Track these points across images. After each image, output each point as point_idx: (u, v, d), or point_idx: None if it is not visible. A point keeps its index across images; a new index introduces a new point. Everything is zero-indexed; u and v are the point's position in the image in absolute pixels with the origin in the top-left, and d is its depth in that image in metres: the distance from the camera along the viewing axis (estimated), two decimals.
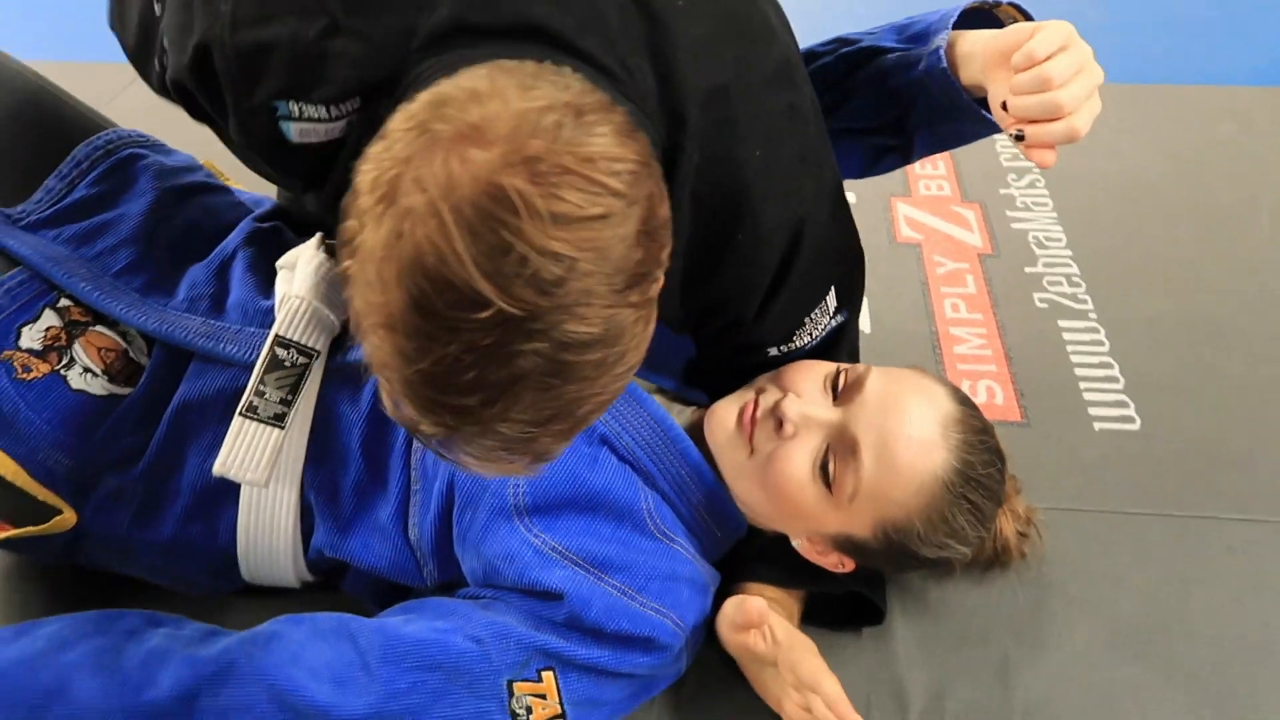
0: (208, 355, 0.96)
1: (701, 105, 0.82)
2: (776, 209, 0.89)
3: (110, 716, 0.83)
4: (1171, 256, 1.54)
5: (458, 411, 0.62)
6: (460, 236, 0.57)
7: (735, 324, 0.95)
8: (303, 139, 0.84)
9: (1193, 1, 2.36)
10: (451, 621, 0.88)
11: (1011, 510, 1.05)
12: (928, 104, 0.97)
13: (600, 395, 0.65)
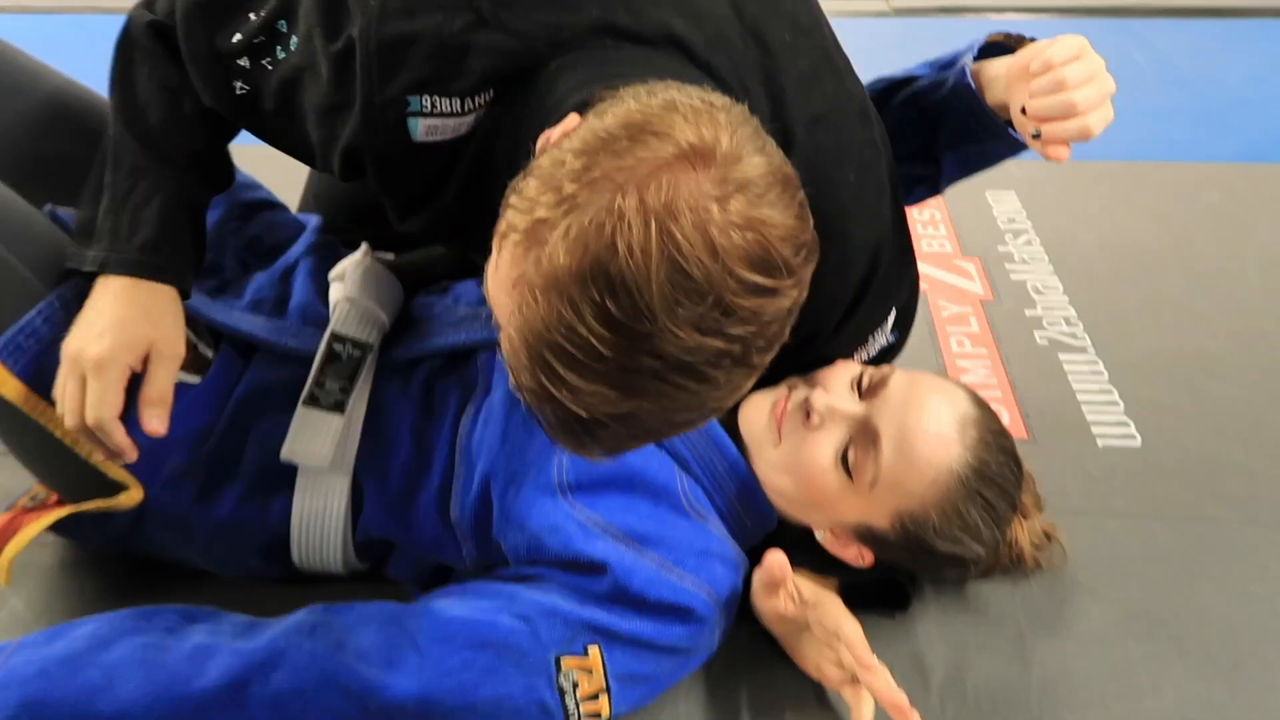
0: (271, 349, 1.05)
1: (806, 128, 0.90)
2: (863, 230, 0.97)
3: (159, 708, 0.85)
4: (1164, 300, 1.63)
5: (570, 390, 0.65)
6: (661, 261, 0.61)
7: (811, 340, 0.98)
8: (428, 137, 0.86)
9: (1177, 95, 2.52)
10: (496, 602, 0.92)
11: (1029, 525, 1.09)
12: (955, 122, 1.05)
13: (691, 426, 0.72)
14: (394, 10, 0.83)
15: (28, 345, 0.97)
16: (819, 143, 0.92)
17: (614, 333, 0.63)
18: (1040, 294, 1.66)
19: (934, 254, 1.78)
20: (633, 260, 0.61)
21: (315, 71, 0.89)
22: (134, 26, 1.01)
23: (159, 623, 0.91)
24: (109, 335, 0.94)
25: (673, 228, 0.61)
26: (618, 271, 0.61)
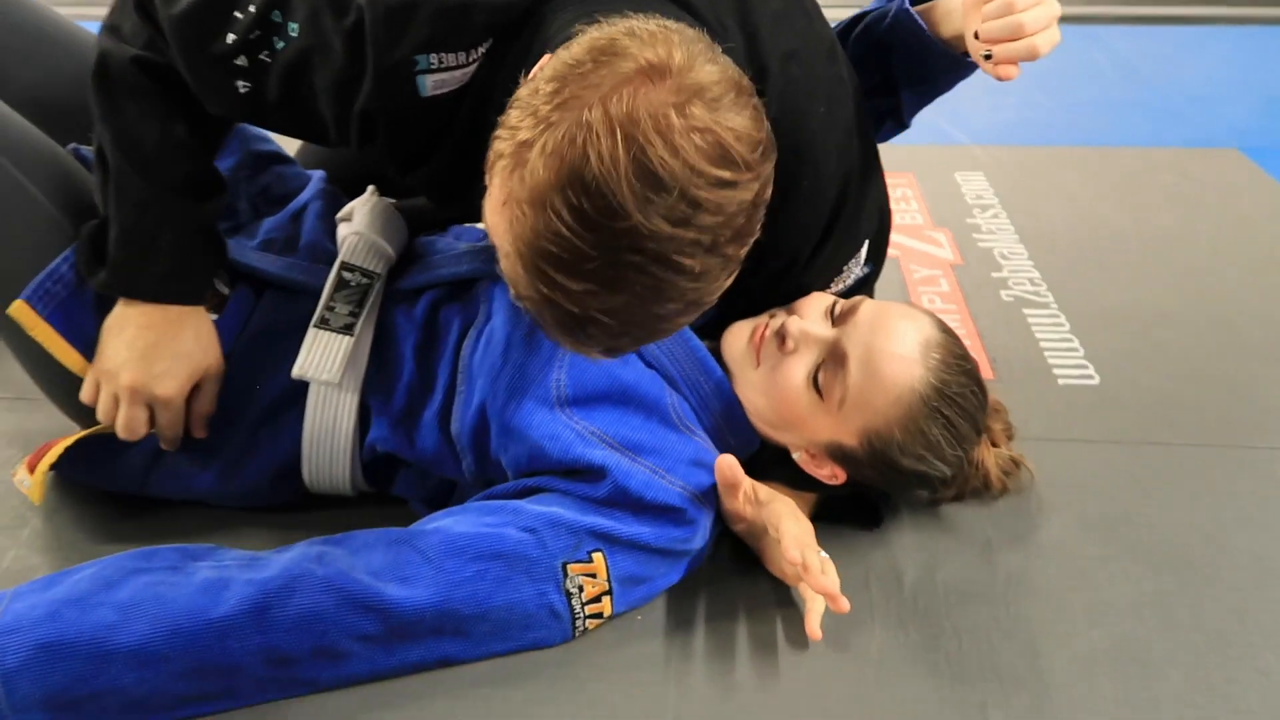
0: (283, 284, 1.12)
1: (779, 63, 0.98)
2: (833, 161, 1.04)
3: (179, 639, 0.88)
4: (1122, 264, 1.73)
5: (564, 291, 0.73)
6: (628, 163, 0.69)
7: (790, 266, 1.08)
8: (435, 91, 0.94)
9: (1136, 92, 2.65)
10: (502, 516, 0.98)
11: (997, 453, 1.16)
12: (903, 52, 1.13)
13: (678, 319, 0.80)
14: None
15: (56, 291, 1.04)
16: (791, 76, 1.00)
17: (593, 232, 0.71)
18: (1006, 259, 1.75)
19: (906, 225, 1.87)
20: (603, 165, 0.69)
21: (326, 50, 0.95)
22: (113, 63, 1.02)
23: (159, 561, 0.94)
24: (173, 374, 1.04)
25: (636, 133, 0.70)
26: (591, 177, 0.70)
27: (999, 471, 1.16)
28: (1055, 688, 0.96)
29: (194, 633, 0.88)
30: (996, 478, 1.16)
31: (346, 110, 0.98)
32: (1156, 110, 2.51)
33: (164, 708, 0.90)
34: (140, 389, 1.04)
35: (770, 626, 1.02)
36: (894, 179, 2.04)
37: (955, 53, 1.10)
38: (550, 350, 1.02)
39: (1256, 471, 1.24)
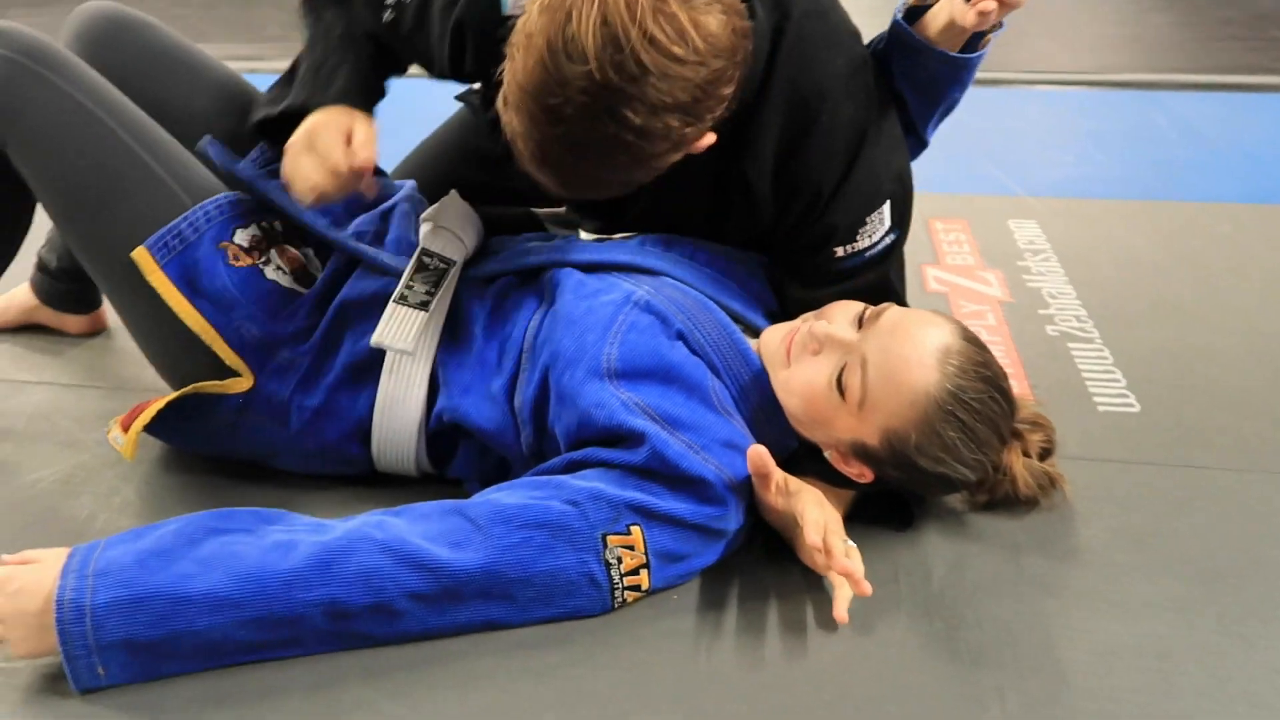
0: (370, 264, 1.23)
1: (801, 15, 1.15)
2: (850, 108, 1.17)
3: (248, 586, 0.95)
4: (1171, 306, 1.76)
5: (538, 126, 0.98)
6: (598, 24, 0.93)
7: (814, 201, 1.19)
8: (514, 10, 1.12)
9: (1194, 151, 2.68)
10: (547, 490, 1.06)
11: (1029, 464, 1.18)
12: (899, 57, 1.23)
13: (625, 171, 1.03)
14: None
15: (173, 245, 1.17)
16: (812, 29, 1.16)
17: (559, 72, 0.95)
18: (1054, 298, 1.79)
19: (957, 266, 1.92)
20: (580, 22, 0.93)
21: None
22: None
23: (236, 523, 1.02)
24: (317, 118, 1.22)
25: (612, 6, 0.93)
26: (569, 31, 0.94)
27: (1032, 483, 1.18)
28: (1073, 675, 0.99)
29: (263, 581, 0.96)
30: (1025, 484, 1.18)
31: (446, 25, 1.20)
32: (1215, 170, 2.53)
33: (232, 653, 0.98)
34: (295, 141, 1.21)
35: (800, 611, 1.07)
36: (948, 224, 2.13)
37: (944, 51, 1.20)
38: (605, 328, 1.11)
39: None
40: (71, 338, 1.63)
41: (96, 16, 1.34)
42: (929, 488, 1.15)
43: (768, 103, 1.16)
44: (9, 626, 0.96)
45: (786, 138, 1.17)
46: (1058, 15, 4.49)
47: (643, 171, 1.04)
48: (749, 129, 1.17)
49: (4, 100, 1.18)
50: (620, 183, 1.06)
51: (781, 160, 1.18)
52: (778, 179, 1.20)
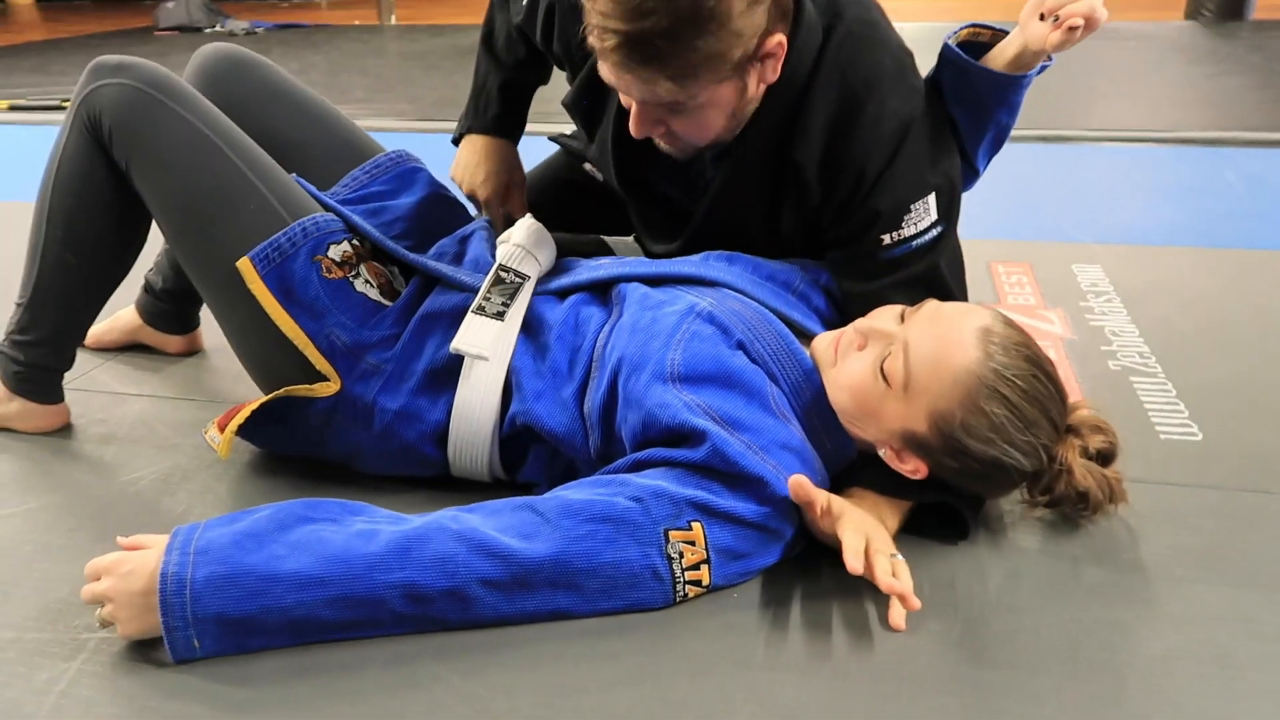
0: (449, 282, 1.32)
1: (852, 20, 1.28)
2: (896, 101, 1.27)
3: (335, 568, 1.01)
4: (1235, 342, 1.76)
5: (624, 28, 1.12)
6: None
7: (859, 181, 1.27)
8: None
9: (1264, 203, 2.68)
10: (612, 488, 1.11)
11: (1089, 466, 1.18)
12: (949, 82, 1.34)
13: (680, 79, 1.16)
14: None
15: (273, 257, 1.27)
16: (864, 32, 1.29)
17: None
18: (1116, 335, 1.81)
19: (1020, 306, 1.95)
20: None
21: None
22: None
23: (323, 513, 1.08)
24: (488, 182, 1.66)
25: None
26: None
27: (1091, 481, 1.17)
28: (1131, 678, 1.00)
29: (348, 563, 1.03)
30: (1082, 478, 1.16)
31: (544, 2, 1.43)
32: None
33: (315, 631, 1.04)
34: (464, 187, 1.68)
35: (860, 610, 1.09)
36: (1010, 267, 2.16)
37: (992, 71, 1.29)
38: (669, 336, 1.17)
39: None
40: (170, 356, 1.75)
41: (217, 55, 1.48)
42: (985, 480, 1.16)
43: (816, 91, 1.28)
44: (118, 606, 1.03)
45: (834, 124, 1.28)
46: (1130, 80, 4.52)
47: (725, 46, 1.14)
48: (799, 116, 1.29)
49: (131, 124, 1.29)
50: (704, 60, 1.14)
51: (829, 144, 1.29)
52: (825, 162, 1.29)
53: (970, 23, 1.38)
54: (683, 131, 1.26)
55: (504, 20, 1.61)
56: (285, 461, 1.38)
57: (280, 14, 9.13)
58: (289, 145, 1.43)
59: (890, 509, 1.19)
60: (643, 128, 1.25)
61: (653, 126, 1.25)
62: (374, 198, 1.43)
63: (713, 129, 1.26)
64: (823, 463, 1.19)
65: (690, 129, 1.26)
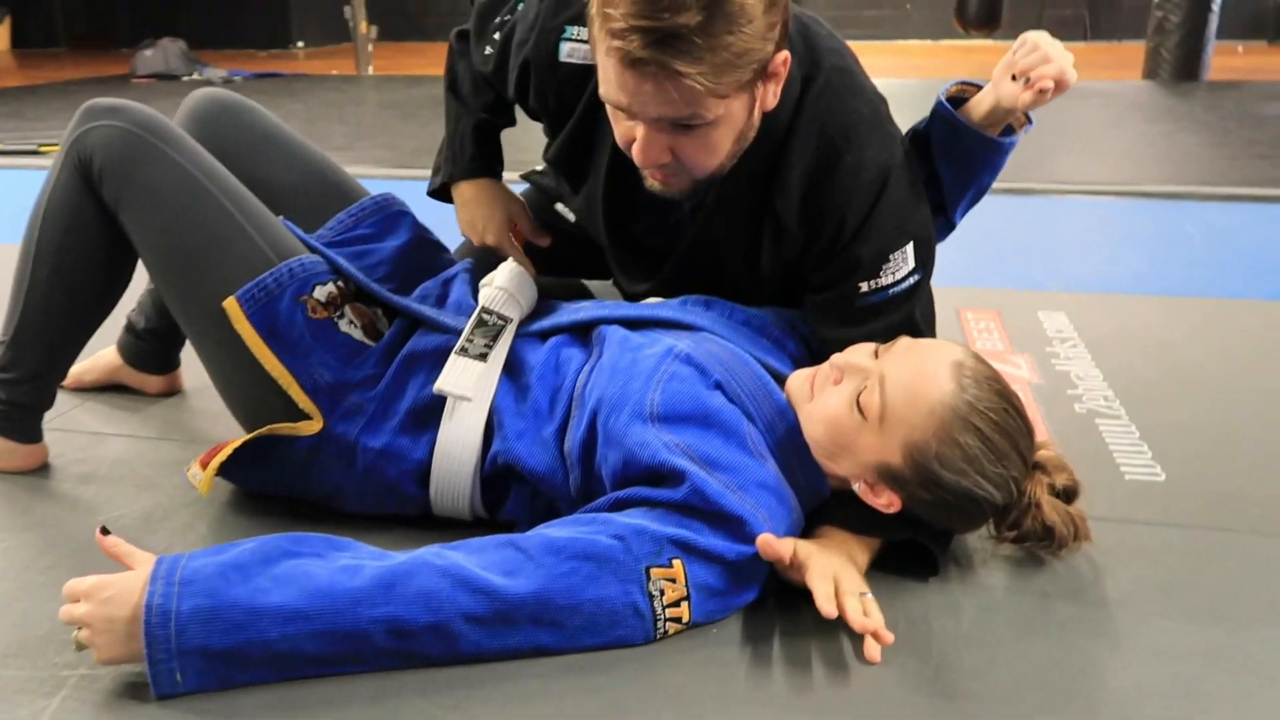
0: (432, 324, 1.34)
1: (830, 69, 1.30)
2: (874, 150, 1.30)
3: (318, 601, 1.02)
4: (1197, 386, 1.82)
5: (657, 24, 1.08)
6: None
7: (839, 230, 1.29)
8: (568, 57, 1.32)
9: (1221, 253, 2.76)
10: (594, 526, 1.13)
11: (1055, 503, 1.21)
12: (939, 137, 1.38)
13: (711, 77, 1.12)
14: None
15: (259, 297, 1.29)
16: (842, 81, 1.31)
17: None
18: (1081, 379, 1.86)
19: (987, 352, 2.00)
20: None
21: (525, 20, 1.42)
22: (452, 39, 1.67)
23: (308, 548, 1.08)
24: (489, 227, 1.65)
25: None
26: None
27: (1057, 517, 1.19)
28: (1103, 711, 1.02)
29: (332, 597, 1.03)
30: (1050, 513, 1.19)
31: (518, 59, 1.42)
32: (1243, 271, 2.61)
33: (299, 666, 1.04)
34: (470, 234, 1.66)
35: (837, 645, 1.11)
36: (979, 314, 2.21)
37: (983, 133, 1.34)
38: (648, 377, 1.20)
39: None
40: (149, 397, 1.75)
41: (209, 99, 1.51)
42: (957, 513, 1.18)
43: (795, 141, 1.30)
44: (97, 632, 1.02)
45: (813, 173, 1.30)
46: (1094, 135, 4.66)
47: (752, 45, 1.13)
48: (778, 165, 1.31)
49: (121, 165, 1.32)
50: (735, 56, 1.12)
51: (807, 193, 1.31)
52: (804, 210, 1.32)
53: (960, 80, 1.44)
54: (690, 155, 1.22)
55: (466, 66, 1.63)
56: (267, 500, 1.39)
57: (258, 63, 9.21)
58: (278, 189, 1.46)
59: (860, 545, 1.22)
60: (650, 153, 1.21)
61: (660, 152, 1.21)
62: (359, 240, 1.46)
63: (720, 152, 1.23)
64: (798, 500, 1.21)
65: (699, 151, 1.22)
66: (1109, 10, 10.44)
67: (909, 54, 9.80)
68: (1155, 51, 6.71)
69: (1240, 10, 9.53)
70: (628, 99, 1.16)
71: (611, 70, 1.14)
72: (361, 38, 7.76)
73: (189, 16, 10.69)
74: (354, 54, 7.98)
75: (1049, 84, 1.26)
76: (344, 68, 8.38)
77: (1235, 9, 8.92)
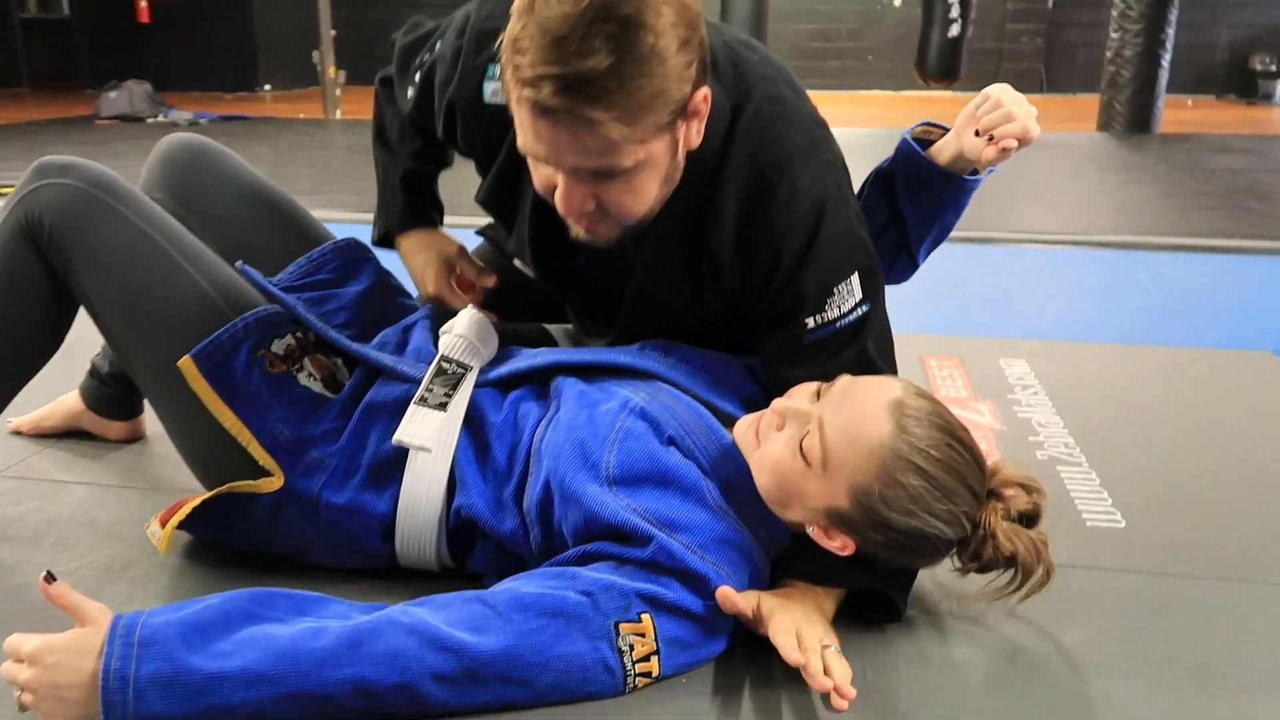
0: (392, 373, 1.34)
1: (761, 99, 1.26)
2: (808, 180, 1.24)
3: (282, 663, 1.00)
4: (1155, 433, 1.85)
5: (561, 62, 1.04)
6: None
7: (774, 266, 1.25)
8: (493, 98, 1.29)
9: (1173, 302, 2.83)
10: (562, 581, 1.12)
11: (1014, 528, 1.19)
12: (904, 177, 1.38)
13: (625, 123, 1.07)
14: (492, 15, 1.30)
15: (216, 354, 1.28)
16: (773, 110, 1.26)
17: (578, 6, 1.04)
18: (1043, 427, 1.89)
19: (950, 398, 2.03)
20: None
21: (444, 60, 1.38)
22: (376, 87, 1.63)
23: (270, 607, 1.07)
24: (426, 276, 1.58)
25: None
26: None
27: (1017, 543, 1.18)
28: None
29: (296, 658, 1.01)
30: (1006, 540, 1.16)
31: (442, 100, 1.38)
32: (1195, 319, 2.68)
33: None
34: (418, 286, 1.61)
35: (806, 694, 1.11)
36: (942, 361, 2.25)
37: (948, 170, 1.35)
38: (604, 436, 1.19)
39: (1275, 602, 1.31)
40: (111, 443, 1.73)
41: (181, 143, 1.52)
42: (912, 552, 1.17)
43: (726, 174, 1.25)
44: (41, 698, 0.99)
45: (745, 207, 1.26)
46: (1051, 186, 4.77)
47: (666, 85, 1.08)
48: (710, 200, 1.27)
49: (74, 223, 1.30)
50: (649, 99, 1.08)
51: (741, 229, 1.26)
52: (739, 245, 1.27)
53: (924, 121, 1.45)
54: (615, 203, 1.18)
55: (394, 113, 1.58)
56: (230, 550, 1.37)
57: (224, 105, 9.20)
58: (247, 233, 1.46)
59: (826, 593, 1.22)
60: (572, 202, 1.17)
61: (582, 201, 1.17)
62: (320, 285, 1.45)
63: (645, 197, 1.19)
64: (761, 550, 1.21)
65: (624, 198, 1.17)
66: (1064, 64, 10.73)
67: (871, 104, 10.00)
68: (1109, 104, 6.91)
69: (1189, 66, 9.85)
70: (544, 149, 1.12)
71: (525, 120, 1.11)
72: (329, 81, 7.79)
73: (154, 58, 10.67)
74: (322, 97, 8.01)
75: (1012, 143, 1.27)
76: (311, 111, 8.40)
77: (1184, 64, 9.22)
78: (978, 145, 1.30)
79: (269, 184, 1.55)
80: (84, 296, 1.33)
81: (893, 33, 10.83)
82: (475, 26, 1.32)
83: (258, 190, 1.52)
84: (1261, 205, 4.29)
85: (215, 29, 10.80)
